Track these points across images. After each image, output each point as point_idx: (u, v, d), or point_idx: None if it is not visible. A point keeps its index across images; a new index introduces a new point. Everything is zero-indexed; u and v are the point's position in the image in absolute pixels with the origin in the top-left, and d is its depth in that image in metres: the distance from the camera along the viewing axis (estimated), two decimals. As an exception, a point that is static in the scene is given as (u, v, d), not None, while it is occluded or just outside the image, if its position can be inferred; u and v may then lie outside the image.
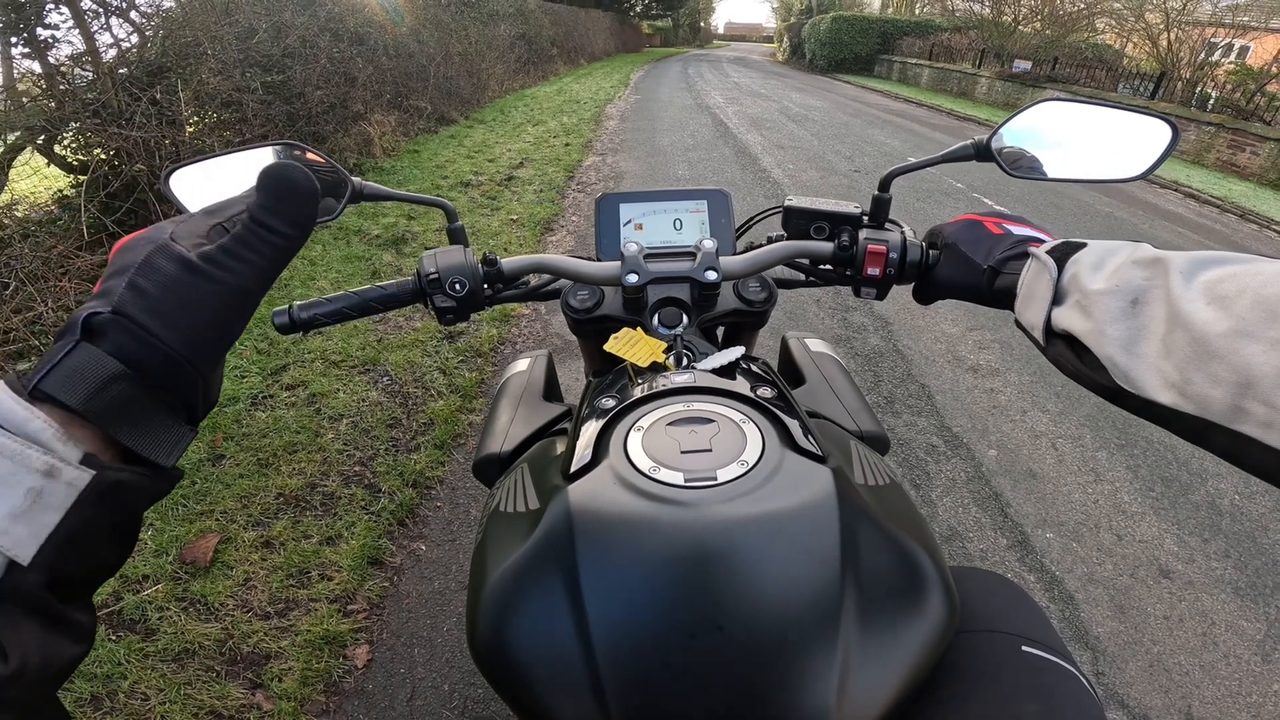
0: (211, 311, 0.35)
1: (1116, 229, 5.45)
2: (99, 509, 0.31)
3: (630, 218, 0.83)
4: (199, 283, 0.35)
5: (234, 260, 0.36)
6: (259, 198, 0.38)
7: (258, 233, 0.37)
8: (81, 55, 3.48)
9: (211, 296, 0.35)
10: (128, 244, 0.38)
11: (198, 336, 0.35)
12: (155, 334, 0.33)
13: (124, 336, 0.33)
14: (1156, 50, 12.64)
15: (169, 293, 0.34)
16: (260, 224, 0.37)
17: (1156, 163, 0.70)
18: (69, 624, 0.31)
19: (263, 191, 0.38)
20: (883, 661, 0.41)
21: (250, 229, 0.37)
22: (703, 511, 0.43)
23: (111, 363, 0.32)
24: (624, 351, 0.65)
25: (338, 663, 1.56)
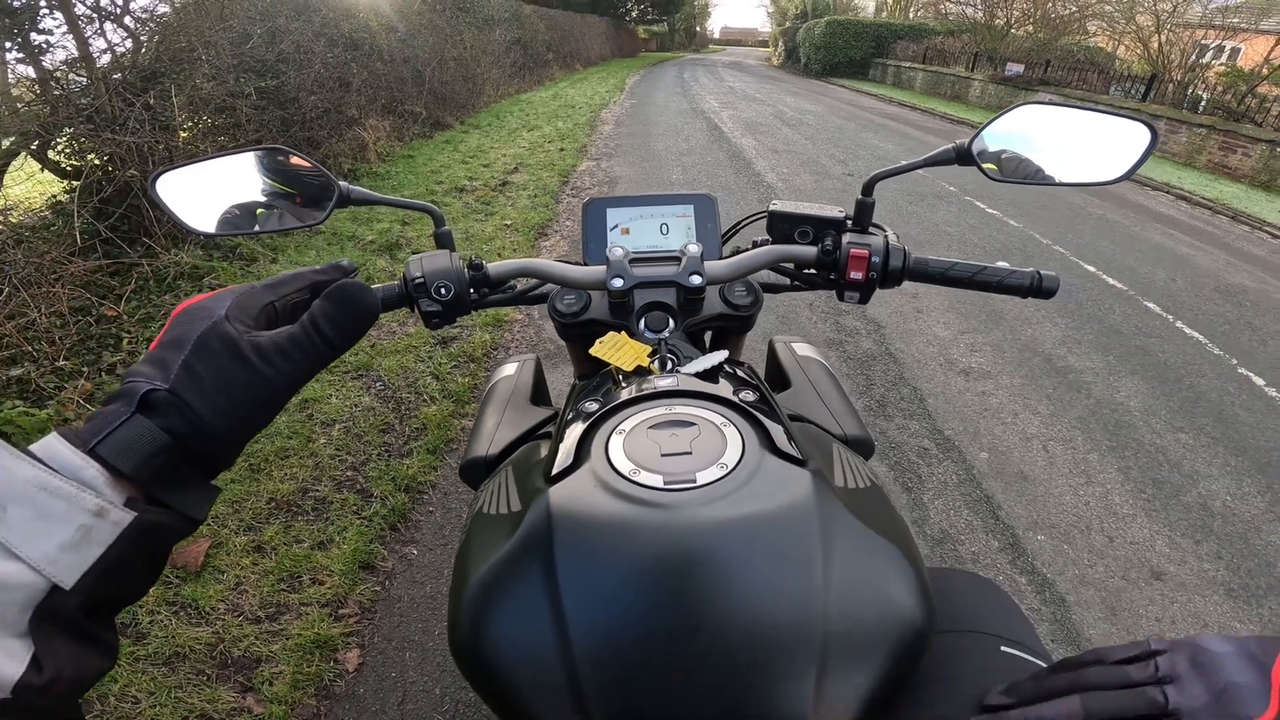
0: (253, 404, 0.39)
1: (1108, 231, 5.47)
2: (136, 544, 0.35)
3: (617, 222, 0.83)
4: (247, 375, 0.38)
5: (282, 359, 0.40)
6: (323, 307, 0.42)
7: (311, 338, 0.41)
8: (75, 61, 3.47)
9: (256, 389, 0.39)
10: (189, 311, 0.41)
11: (238, 423, 0.39)
12: (203, 419, 0.37)
13: (176, 416, 0.37)
14: (1147, 52, 12.69)
15: (219, 381, 0.38)
16: (317, 331, 0.41)
17: (1135, 165, 0.70)
18: (98, 641, 0.35)
19: (329, 304, 0.42)
20: (860, 662, 0.41)
21: (306, 333, 0.41)
22: (681, 514, 0.43)
23: (162, 436, 0.36)
24: (609, 355, 0.66)
25: (329, 666, 1.56)
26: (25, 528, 0.31)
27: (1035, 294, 0.74)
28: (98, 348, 2.72)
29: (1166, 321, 3.75)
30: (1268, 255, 5.36)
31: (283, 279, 0.45)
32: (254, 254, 3.69)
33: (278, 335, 0.40)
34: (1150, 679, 0.38)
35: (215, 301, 0.41)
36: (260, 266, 3.60)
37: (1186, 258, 4.99)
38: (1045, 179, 0.73)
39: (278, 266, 3.62)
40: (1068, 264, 4.57)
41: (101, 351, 2.70)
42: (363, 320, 0.43)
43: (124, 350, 2.74)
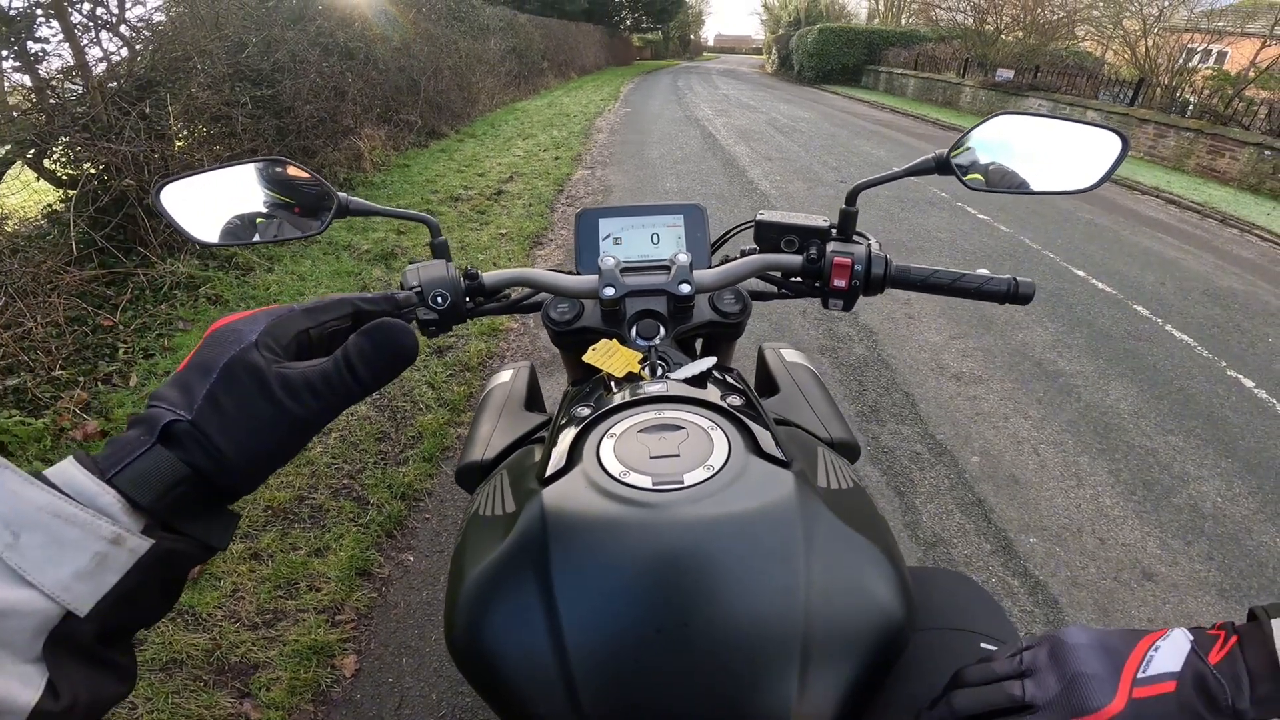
0: (277, 440, 0.38)
1: (1097, 236, 5.52)
2: (153, 571, 0.34)
3: (609, 232, 0.85)
4: (272, 410, 0.37)
5: (310, 396, 0.38)
6: (359, 345, 0.39)
7: (343, 377, 0.39)
8: (71, 69, 3.49)
9: (280, 425, 0.37)
10: (221, 333, 0.40)
11: (260, 458, 0.37)
12: (225, 454, 0.36)
13: (197, 450, 0.36)
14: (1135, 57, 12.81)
15: (242, 415, 0.36)
16: (350, 370, 0.39)
17: (1108, 173, 0.72)
18: (115, 666, 0.34)
19: (366, 342, 0.39)
20: (841, 658, 0.42)
21: (338, 371, 0.39)
22: (669, 513, 0.45)
23: (182, 469, 0.35)
24: (601, 362, 0.67)
25: (326, 672, 1.57)
26: (38, 554, 0.31)
27: (1012, 300, 0.76)
28: (94, 357, 2.72)
29: (1156, 325, 3.78)
30: (1256, 258, 5.41)
31: (325, 304, 0.43)
32: (250, 263, 3.70)
33: (309, 371, 0.38)
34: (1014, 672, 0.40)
35: (248, 324, 0.40)
36: (256, 276, 3.61)
37: (1175, 261, 5.04)
38: (1022, 187, 0.75)
39: (273, 276, 3.63)
40: (1057, 269, 4.61)
41: (98, 361, 2.71)
42: (399, 362, 0.40)
43: (120, 360, 2.74)
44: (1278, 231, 6.12)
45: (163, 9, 4.21)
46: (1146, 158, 9.87)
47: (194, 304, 3.24)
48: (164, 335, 2.97)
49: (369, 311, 0.45)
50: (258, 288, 3.50)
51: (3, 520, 0.30)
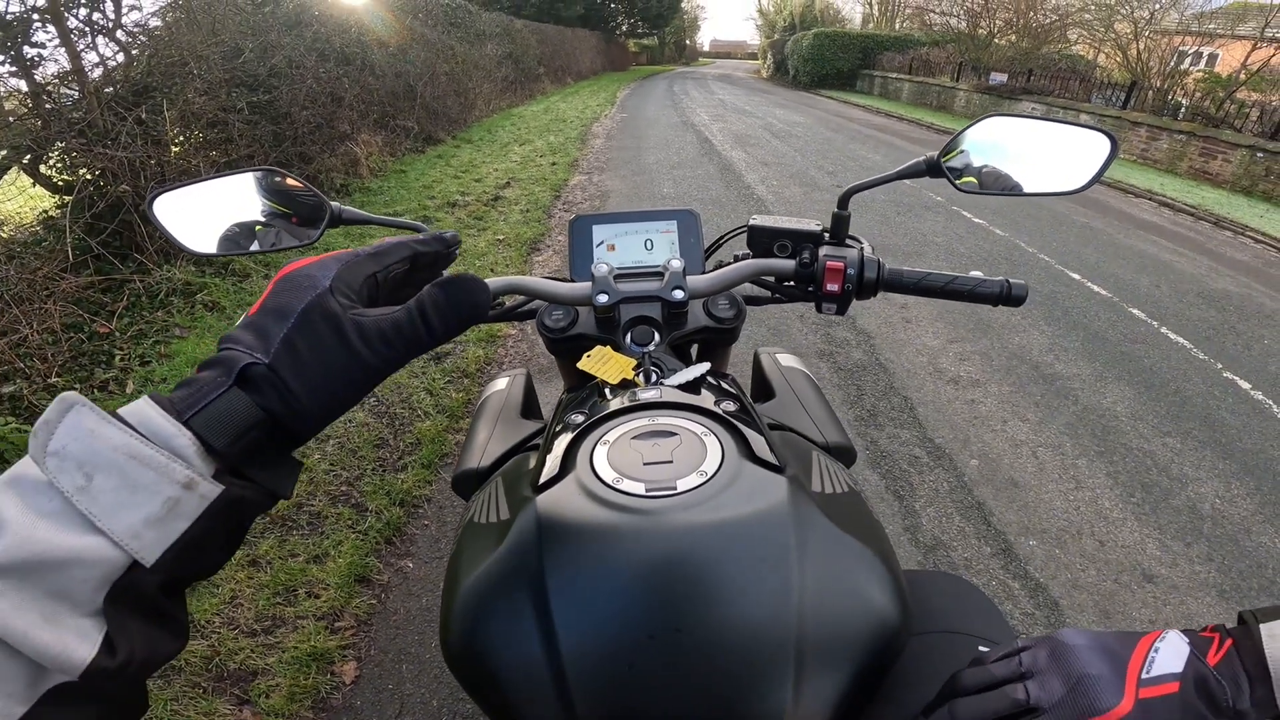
0: (347, 386, 0.37)
1: (1092, 239, 5.54)
2: (219, 519, 0.33)
3: (603, 239, 0.84)
4: (347, 357, 0.37)
5: (383, 344, 0.38)
6: (434, 297, 0.39)
7: (416, 328, 0.39)
8: (68, 74, 3.48)
9: (352, 372, 0.37)
10: (292, 277, 0.40)
11: (330, 403, 0.37)
12: (299, 398, 0.36)
13: (272, 393, 0.35)
14: (1127, 60, 12.89)
15: (318, 360, 0.36)
16: (424, 321, 0.39)
17: (1098, 174, 0.73)
18: (172, 621, 0.34)
19: (442, 295, 0.40)
20: (836, 662, 0.42)
21: (411, 321, 0.39)
22: (661, 519, 0.45)
23: (257, 412, 0.35)
24: (596, 369, 0.67)
25: (325, 679, 1.56)
26: (111, 498, 0.30)
27: (1005, 302, 0.76)
28: (90, 364, 2.71)
29: (1151, 328, 3.80)
30: (1250, 260, 5.44)
31: (386, 248, 0.43)
32: (247, 270, 3.69)
33: (382, 320, 0.38)
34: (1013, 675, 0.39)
35: (320, 269, 0.40)
36: (253, 283, 3.60)
37: (1170, 264, 5.06)
38: (1012, 189, 0.75)
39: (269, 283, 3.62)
40: (1053, 272, 4.63)
41: (94, 368, 2.70)
42: (472, 317, 0.41)
43: (116, 367, 2.73)
44: (1271, 233, 6.16)
45: (159, 14, 4.20)
46: (1139, 160, 9.92)
47: (190, 311, 3.23)
48: (160, 342, 2.96)
49: (424, 253, 0.45)
50: (255, 294, 3.49)
51: (77, 461, 0.30)
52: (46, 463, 0.29)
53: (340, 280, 0.39)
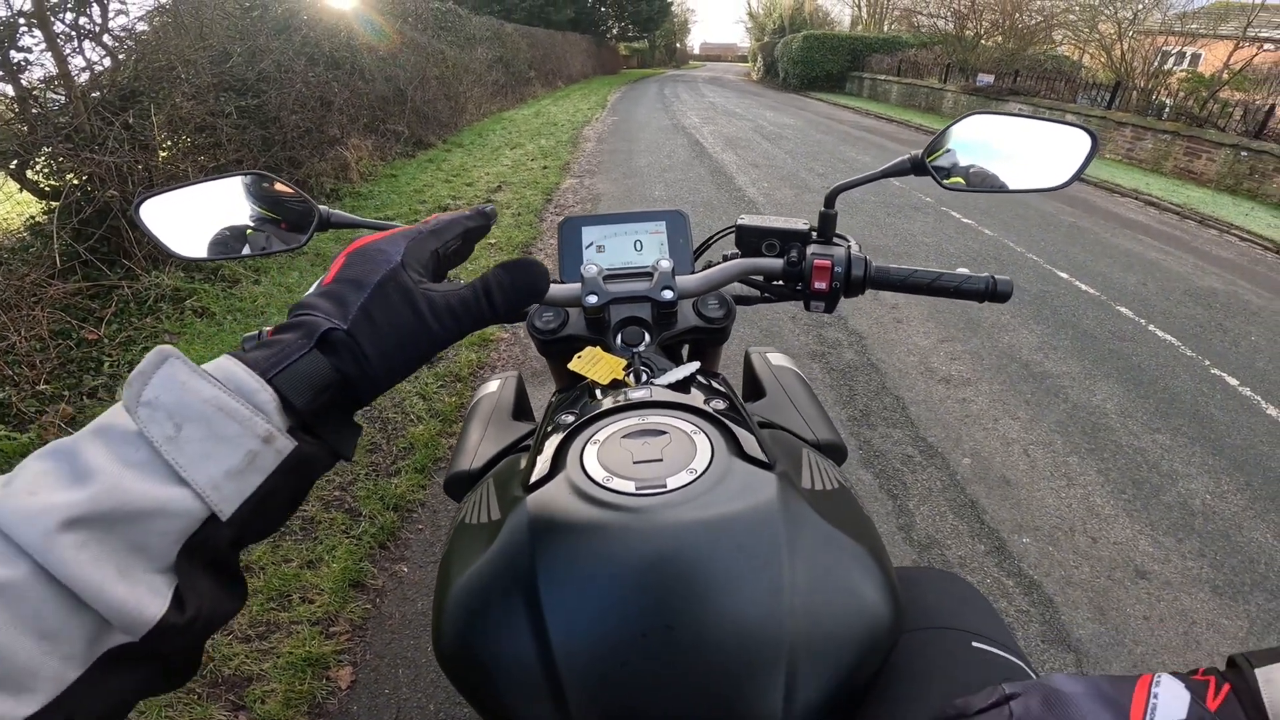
0: (415, 355, 0.40)
1: (1079, 238, 5.59)
2: (290, 476, 0.35)
3: (592, 240, 0.84)
4: (417, 327, 0.39)
5: (450, 318, 0.41)
6: (500, 278, 0.42)
7: (481, 305, 0.41)
8: (54, 79, 3.46)
9: (421, 341, 0.40)
10: (364, 251, 0.42)
11: (398, 369, 0.40)
12: (372, 363, 0.38)
13: (349, 357, 0.37)
14: (1111, 60, 13.03)
15: (393, 329, 0.39)
16: (489, 299, 0.42)
17: (1079, 170, 0.73)
18: (235, 579, 0.35)
19: (508, 276, 0.42)
20: (828, 658, 0.42)
21: (477, 298, 0.41)
22: (652, 517, 0.45)
23: (333, 374, 0.37)
24: (586, 370, 0.67)
25: (321, 684, 1.55)
26: (197, 448, 0.30)
27: (991, 298, 0.76)
28: (79, 371, 2.69)
29: (1139, 325, 3.83)
30: (1235, 258, 5.50)
31: (444, 223, 0.46)
32: (236, 275, 3.67)
33: (450, 295, 0.41)
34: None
35: (391, 244, 0.42)
36: (243, 288, 3.58)
37: (1156, 262, 5.11)
38: (996, 186, 0.76)
39: (260, 288, 3.61)
40: (1041, 271, 4.67)
41: (82, 375, 2.67)
42: (533, 298, 0.43)
43: (105, 373, 2.71)
44: (1256, 231, 6.24)
45: (146, 18, 4.18)
46: (1125, 160, 10.02)
47: (179, 317, 3.21)
48: (149, 349, 2.93)
49: (473, 229, 0.48)
50: (244, 299, 3.47)
51: (168, 411, 0.30)
52: (139, 412, 0.30)
53: (410, 255, 0.42)
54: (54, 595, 0.26)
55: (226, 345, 2.99)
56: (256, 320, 3.28)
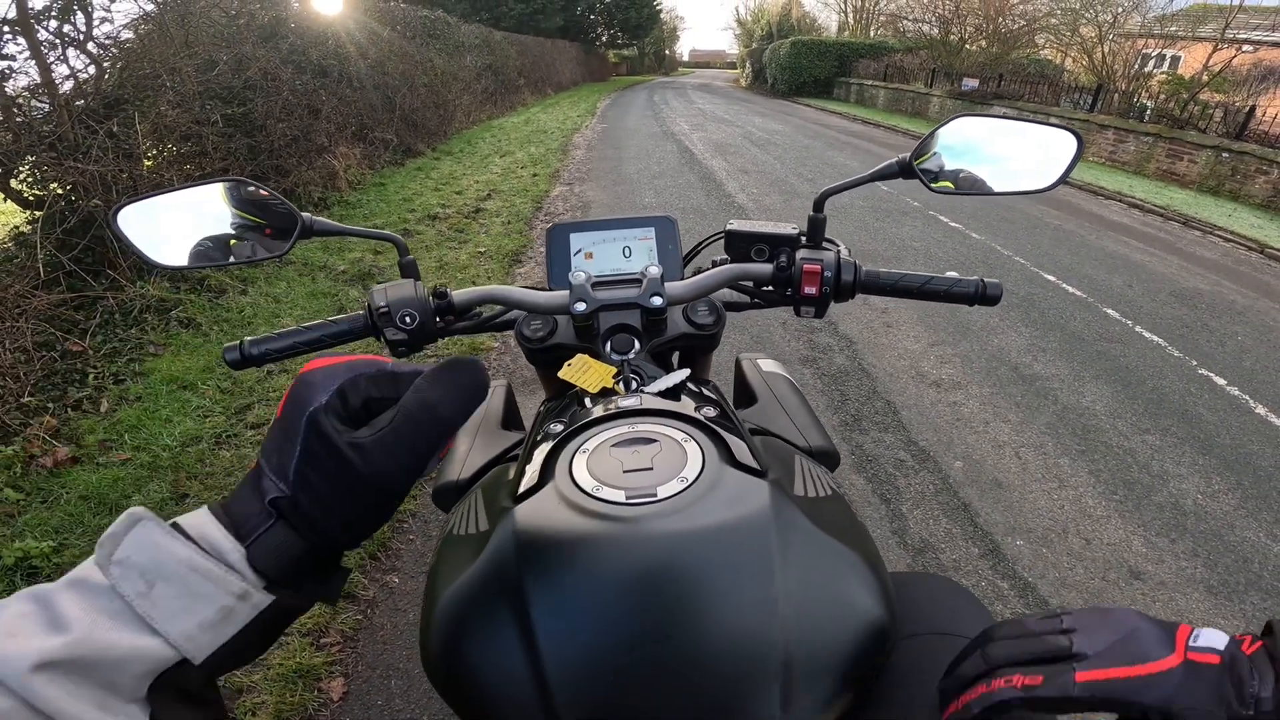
0: (367, 508, 0.39)
1: (1065, 241, 5.64)
2: (268, 625, 0.36)
3: (580, 247, 0.84)
4: (353, 479, 0.37)
5: (387, 457, 0.38)
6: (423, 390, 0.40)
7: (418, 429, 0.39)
8: (38, 87, 3.42)
9: (365, 493, 0.38)
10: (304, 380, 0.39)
11: (359, 525, 0.39)
12: (325, 525, 0.38)
13: (303, 524, 0.37)
14: (1092, 63, 13.19)
15: (329, 488, 0.37)
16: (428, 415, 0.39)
17: (1066, 172, 0.73)
18: (211, 704, 0.36)
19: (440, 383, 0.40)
20: (823, 665, 0.42)
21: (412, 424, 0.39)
22: (642, 527, 0.44)
23: (300, 544, 0.37)
24: (575, 378, 0.67)
25: (313, 695, 1.53)
26: (171, 605, 0.32)
27: (980, 301, 0.76)
28: (63, 383, 2.65)
29: (1126, 327, 3.86)
30: (1219, 259, 5.57)
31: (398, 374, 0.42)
32: (223, 286, 3.64)
33: (384, 433, 0.38)
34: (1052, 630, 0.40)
35: (327, 377, 0.39)
36: (229, 299, 3.55)
37: (1142, 264, 5.16)
38: (983, 188, 0.75)
39: (247, 299, 3.57)
40: (1028, 274, 4.70)
41: (67, 387, 2.64)
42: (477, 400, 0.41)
43: (90, 385, 2.67)
44: (1239, 232, 6.31)
45: (131, 26, 4.16)
46: (1108, 163, 10.14)
47: (165, 328, 3.18)
48: (135, 360, 2.90)
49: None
50: (231, 310, 3.44)
51: (140, 570, 0.32)
52: (111, 570, 0.32)
53: (340, 394, 0.39)
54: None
55: (213, 356, 2.96)
56: (243, 330, 3.25)
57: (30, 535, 1.91)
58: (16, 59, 3.35)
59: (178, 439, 2.38)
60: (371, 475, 0.37)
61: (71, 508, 2.03)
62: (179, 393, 2.68)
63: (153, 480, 2.17)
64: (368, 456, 0.37)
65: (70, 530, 1.96)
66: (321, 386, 0.39)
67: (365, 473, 0.37)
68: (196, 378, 2.78)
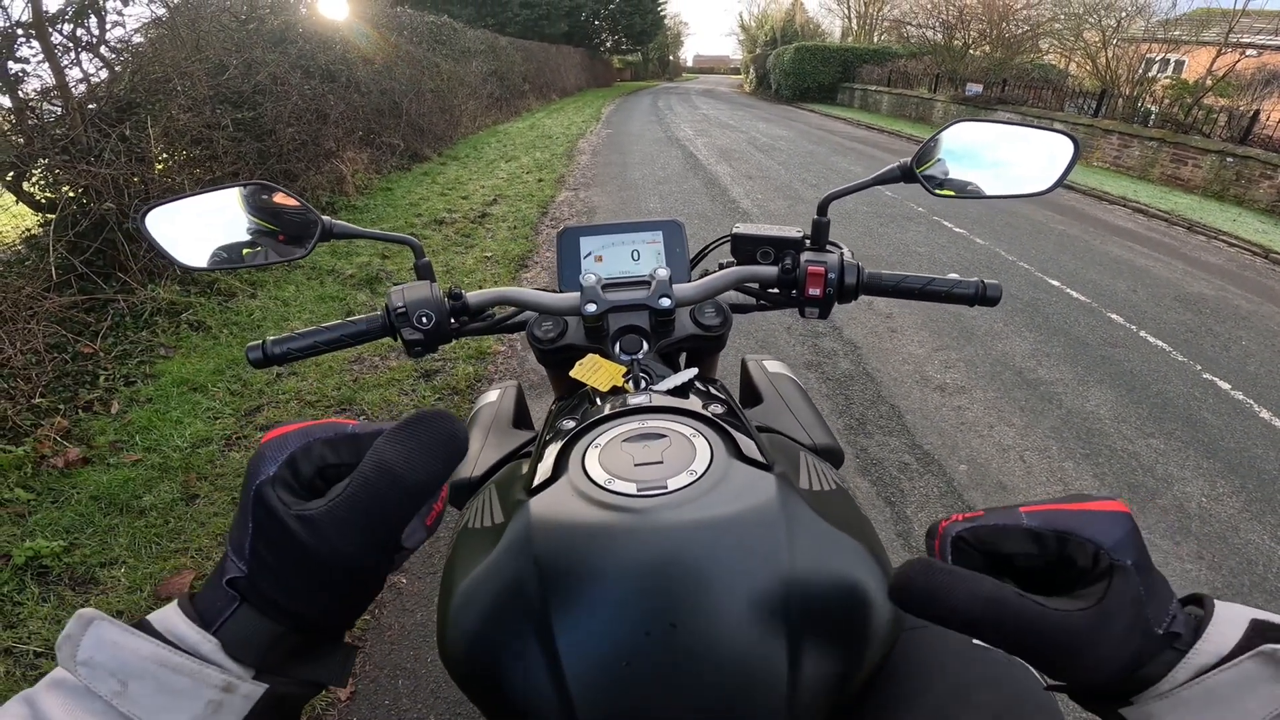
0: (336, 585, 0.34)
1: (1069, 246, 5.64)
2: (271, 715, 0.33)
3: (590, 250, 0.86)
4: (306, 557, 0.33)
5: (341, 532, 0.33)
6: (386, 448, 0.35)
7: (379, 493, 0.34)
8: (51, 90, 3.46)
9: (319, 571, 0.34)
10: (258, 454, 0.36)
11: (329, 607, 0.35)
12: (290, 606, 0.34)
13: (263, 603, 0.34)
14: (1096, 68, 13.15)
15: (288, 567, 0.33)
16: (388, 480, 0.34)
17: (1063, 175, 0.75)
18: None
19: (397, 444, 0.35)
20: (831, 653, 0.43)
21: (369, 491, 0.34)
22: (653, 517, 0.46)
23: (271, 626, 0.34)
24: (586, 377, 0.69)
25: (321, 696, 1.54)
26: (150, 702, 0.30)
27: (981, 302, 0.78)
28: (74, 385, 2.68)
29: (1130, 331, 3.87)
30: (1224, 264, 5.56)
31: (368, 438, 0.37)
32: (232, 289, 3.67)
33: (331, 501, 0.34)
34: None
35: (277, 448, 0.36)
36: (239, 302, 3.58)
37: (1146, 269, 5.16)
38: (983, 192, 0.78)
39: (256, 302, 3.61)
40: (1033, 279, 4.70)
41: (78, 389, 2.66)
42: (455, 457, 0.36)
43: (101, 387, 2.70)
44: (1244, 236, 6.30)
45: (143, 30, 4.20)
46: (1112, 168, 10.12)
47: (175, 330, 3.20)
48: (145, 362, 2.93)
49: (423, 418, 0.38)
50: (241, 313, 3.47)
51: (109, 670, 0.30)
52: (79, 671, 0.30)
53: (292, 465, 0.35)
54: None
55: (223, 359, 2.99)
56: (253, 334, 3.28)
57: (41, 535, 1.93)
58: (30, 62, 3.39)
59: (188, 440, 2.41)
60: (327, 552, 0.33)
61: (82, 508, 2.06)
62: (189, 394, 2.71)
63: (163, 481, 2.19)
64: (318, 531, 0.33)
65: (81, 530, 1.98)
66: (270, 457, 0.35)
67: (316, 549, 0.33)
68: (207, 380, 2.81)
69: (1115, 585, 0.34)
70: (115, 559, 1.89)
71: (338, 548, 0.33)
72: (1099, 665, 0.33)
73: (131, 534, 1.97)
